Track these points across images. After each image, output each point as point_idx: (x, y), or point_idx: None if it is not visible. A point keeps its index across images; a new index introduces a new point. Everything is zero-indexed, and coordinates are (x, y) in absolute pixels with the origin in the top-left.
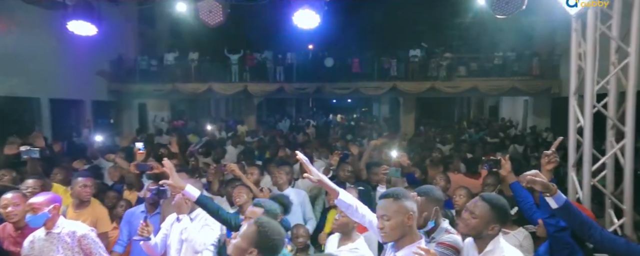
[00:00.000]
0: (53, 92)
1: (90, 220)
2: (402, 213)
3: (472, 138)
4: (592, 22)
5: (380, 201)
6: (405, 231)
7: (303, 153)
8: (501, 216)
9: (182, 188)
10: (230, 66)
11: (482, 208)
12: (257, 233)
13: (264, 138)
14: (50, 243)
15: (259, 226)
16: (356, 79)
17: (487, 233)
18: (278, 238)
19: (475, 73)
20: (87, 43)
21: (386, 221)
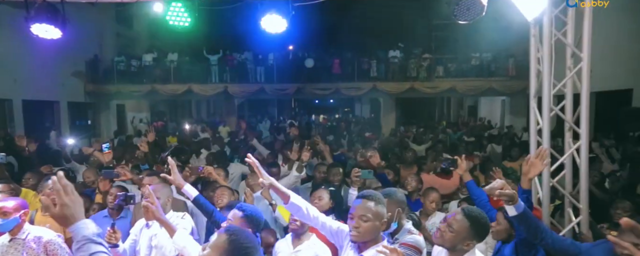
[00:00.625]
0: (26, 93)
1: (57, 224)
2: (379, 218)
3: (450, 138)
4: (547, 28)
5: (360, 200)
6: (375, 235)
7: (283, 155)
8: (479, 233)
9: (182, 186)
10: (210, 67)
11: (461, 224)
12: (228, 243)
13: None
14: (15, 249)
15: (229, 235)
16: (336, 80)
17: (461, 248)
18: (250, 246)
19: (453, 74)
20: (62, 43)
21: (364, 222)
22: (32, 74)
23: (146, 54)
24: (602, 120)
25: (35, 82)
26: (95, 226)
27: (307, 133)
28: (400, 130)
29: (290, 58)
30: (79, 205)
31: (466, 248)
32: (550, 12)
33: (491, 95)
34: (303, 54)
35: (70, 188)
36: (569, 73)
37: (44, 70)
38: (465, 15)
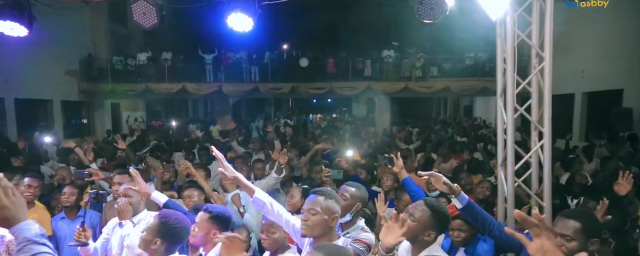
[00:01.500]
0: (19, 92)
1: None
2: (328, 213)
3: (442, 138)
4: (511, 28)
5: (311, 196)
6: (326, 231)
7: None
8: (440, 224)
9: (150, 194)
10: (204, 66)
11: (423, 213)
12: (159, 224)
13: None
14: None
15: (160, 219)
16: (331, 79)
17: (422, 239)
18: (180, 226)
19: (448, 74)
20: (56, 42)
21: (312, 216)
22: (25, 73)
23: (141, 53)
24: (594, 121)
25: (28, 81)
26: (39, 227)
27: (303, 133)
28: (392, 130)
29: (285, 57)
30: (21, 206)
31: (427, 238)
32: (513, 12)
33: (486, 95)
34: (298, 54)
35: (12, 190)
36: (533, 75)
37: (37, 69)
38: (429, 14)
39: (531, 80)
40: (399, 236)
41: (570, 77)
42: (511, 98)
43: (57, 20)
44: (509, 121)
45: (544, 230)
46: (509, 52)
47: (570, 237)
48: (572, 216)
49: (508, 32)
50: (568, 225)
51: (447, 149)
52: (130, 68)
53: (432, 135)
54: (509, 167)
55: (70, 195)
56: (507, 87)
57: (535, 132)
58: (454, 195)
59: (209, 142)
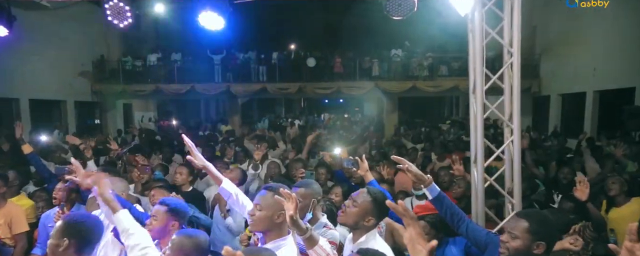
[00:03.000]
0: (33, 92)
1: (4, 220)
2: (274, 209)
3: (445, 138)
4: (478, 23)
5: (262, 191)
6: (272, 227)
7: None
8: (379, 211)
9: (89, 186)
10: (213, 66)
11: (364, 199)
12: (63, 224)
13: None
14: None
15: (64, 220)
16: (338, 79)
17: (363, 224)
18: (87, 225)
19: (456, 73)
20: (69, 43)
21: (258, 211)
22: (39, 73)
23: (151, 54)
24: (606, 119)
25: (42, 82)
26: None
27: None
28: (400, 129)
29: (292, 57)
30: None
31: (367, 224)
32: (481, 7)
33: (496, 94)
34: (305, 53)
35: None
36: (505, 70)
37: (52, 70)
38: (397, 11)
39: (503, 77)
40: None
41: (581, 75)
42: (480, 95)
43: (71, 22)
44: (478, 116)
45: (410, 219)
46: (477, 48)
47: (514, 235)
48: (524, 215)
49: (476, 27)
50: (516, 223)
51: (440, 147)
52: (140, 69)
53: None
54: (479, 163)
55: (59, 191)
56: (476, 82)
57: (507, 128)
58: (423, 184)
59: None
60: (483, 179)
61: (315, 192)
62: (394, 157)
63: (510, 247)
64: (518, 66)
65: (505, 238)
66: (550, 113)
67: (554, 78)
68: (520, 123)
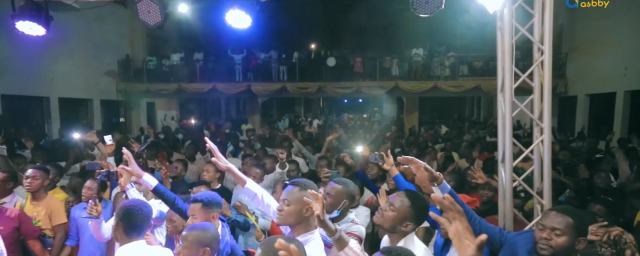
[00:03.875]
0: (62, 91)
1: (44, 211)
2: (302, 203)
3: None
4: (508, 20)
5: (288, 186)
6: (300, 220)
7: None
8: (418, 216)
9: (140, 176)
10: (234, 66)
11: (403, 203)
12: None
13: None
14: None
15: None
16: (358, 78)
17: (400, 229)
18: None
19: (478, 73)
20: (96, 44)
21: (286, 206)
22: (68, 73)
23: (174, 53)
24: (637, 120)
25: (70, 81)
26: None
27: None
28: (420, 129)
29: (312, 57)
30: None
31: (405, 229)
32: (511, 3)
33: (519, 94)
34: (325, 53)
35: None
36: (535, 68)
37: (79, 70)
38: (424, 8)
39: (533, 75)
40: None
41: (612, 75)
42: (509, 93)
43: (98, 23)
44: (507, 116)
45: (457, 213)
46: (507, 45)
47: (560, 231)
48: (564, 211)
49: (505, 24)
50: (559, 219)
51: (486, 149)
52: (164, 68)
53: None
54: (507, 163)
55: (88, 189)
56: (505, 81)
57: (537, 127)
58: (435, 182)
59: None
60: (511, 179)
61: (350, 192)
62: (401, 158)
63: (555, 244)
64: (549, 64)
65: (546, 235)
66: (577, 114)
67: (582, 78)
68: (551, 123)
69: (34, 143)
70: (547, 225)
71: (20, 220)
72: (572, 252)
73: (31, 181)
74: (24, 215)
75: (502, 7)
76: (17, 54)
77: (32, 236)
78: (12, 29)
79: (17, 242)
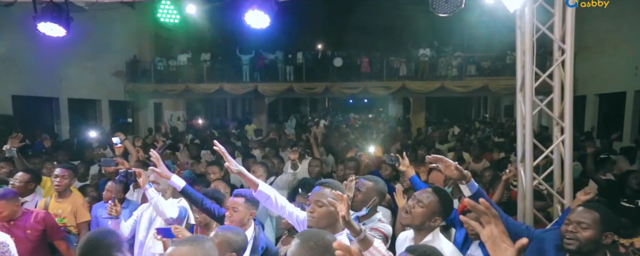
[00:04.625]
0: (71, 92)
1: (70, 209)
2: (334, 204)
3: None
4: (529, 20)
5: (317, 187)
6: (332, 222)
7: (305, 153)
8: (445, 210)
9: (169, 177)
10: (241, 66)
11: (431, 199)
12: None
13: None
14: None
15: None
16: (365, 79)
17: (429, 224)
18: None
19: (486, 73)
20: (104, 45)
21: (319, 208)
22: (77, 74)
23: (181, 54)
24: None
25: (79, 82)
26: None
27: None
28: (427, 129)
29: (319, 57)
30: None
31: (433, 224)
32: (532, 2)
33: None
34: (332, 53)
35: None
36: (555, 68)
37: (88, 71)
38: (443, 7)
39: (553, 74)
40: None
41: (622, 74)
42: (529, 92)
43: (106, 24)
44: (527, 115)
45: (492, 217)
46: (527, 44)
47: (586, 224)
48: (591, 206)
49: (526, 23)
50: (586, 214)
51: (478, 149)
52: (171, 69)
53: (465, 135)
54: (528, 162)
55: (108, 192)
56: (526, 80)
57: (557, 127)
58: (464, 181)
59: (243, 140)
60: (531, 178)
61: (380, 190)
62: (430, 157)
63: (582, 237)
64: (571, 62)
65: (572, 228)
66: (586, 114)
67: (591, 78)
68: (572, 122)
69: (52, 142)
70: (573, 219)
71: (46, 223)
72: (599, 247)
73: (60, 180)
74: (50, 218)
75: (523, 5)
76: (28, 56)
77: (58, 237)
78: (22, 31)
79: (44, 244)
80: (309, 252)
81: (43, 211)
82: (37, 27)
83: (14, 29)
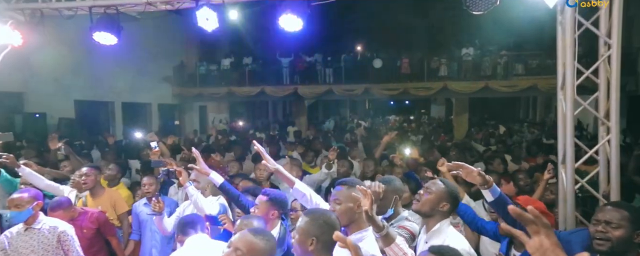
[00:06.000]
0: (124, 96)
1: (108, 203)
2: (352, 201)
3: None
4: (570, 14)
5: (337, 187)
6: (354, 218)
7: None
8: (453, 196)
9: (208, 174)
10: (281, 69)
11: (438, 186)
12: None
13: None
14: (29, 238)
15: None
16: (405, 80)
17: (437, 210)
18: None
19: (534, 72)
20: (153, 51)
21: (337, 205)
22: (130, 80)
23: (224, 58)
24: None
25: (132, 87)
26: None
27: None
28: (471, 131)
29: (358, 59)
30: None
31: (442, 209)
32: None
33: (581, 93)
34: (371, 55)
35: None
36: (598, 63)
37: (139, 76)
38: (477, 5)
39: (599, 71)
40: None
41: None
42: (571, 90)
43: (156, 32)
44: (568, 114)
45: (542, 227)
46: (568, 41)
47: (616, 224)
48: (620, 205)
49: (567, 19)
50: (614, 213)
51: (542, 151)
52: (215, 73)
53: (512, 136)
54: (568, 164)
55: (149, 186)
56: (567, 78)
57: (603, 126)
58: (486, 186)
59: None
60: (573, 181)
61: (397, 188)
62: (450, 165)
63: (613, 236)
64: (617, 59)
65: (602, 228)
66: None
67: None
68: (619, 122)
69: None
70: (602, 219)
71: (99, 221)
72: (631, 246)
73: (86, 178)
74: (102, 217)
75: (564, 0)
76: (87, 63)
77: (110, 233)
78: (82, 41)
79: (99, 240)
80: (319, 229)
81: (97, 211)
82: (93, 37)
83: (75, 40)
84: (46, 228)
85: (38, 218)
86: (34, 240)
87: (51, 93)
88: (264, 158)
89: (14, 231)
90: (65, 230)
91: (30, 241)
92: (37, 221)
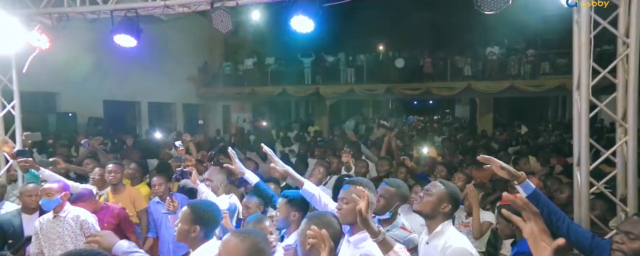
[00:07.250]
0: (150, 96)
1: (128, 200)
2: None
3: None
4: (586, 12)
5: (345, 186)
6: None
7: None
8: (453, 198)
9: (243, 174)
10: (303, 69)
11: (438, 188)
12: (191, 212)
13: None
14: (57, 225)
15: (191, 206)
16: (428, 79)
17: (439, 212)
18: (210, 211)
19: (562, 71)
20: (178, 52)
21: (344, 205)
22: (156, 80)
23: (247, 59)
24: None
25: (157, 87)
26: (128, 243)
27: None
28: (495, 132)
29: (380, 58)
30: (108, 236)
31: (444, 210)
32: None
33: (610, 93)
34: (394, 54)
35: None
36: (616, 62)
37: (165, 76)
38: (489, 5)
39: (616, 71)
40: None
41: None
42: (586, 91)
43: (180, 33)
44: (583, 115)
45: (531, 214)
46: (583, 40)
47: (634, 235)
48: None
49: (583, 17)
50: (636, 224)
51: (546, 152)
52: (238, 73)
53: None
54: (583, 166)
55: (159, 186)
56: (582, 77)
57: (620, 128)
58: (516, 181)
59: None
60: (588, 183)
61: (402, 194)
62: (481, 157)
63: (627, 249)
64: (635, 58)
65: (619, 238)
66: None
67: None
68: (637, 122)
69: (134, 141)
70: (622, 229)
71: (120, 217)
72: None
73: (114, 174)
74: (123, 213)
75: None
76: (115, 64)
77: (129, 230)
78: (108, 43)
79: (119, 236)
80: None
81: (118, 207)
82: (113, 39)
83: (102, 41)
84: (70, 217)
85: (64, 207)
86: (60, 226)
87: (81, 93)
88: (272, 160)
89: (45, 218)
90: (86, 218)
91: (57, 228)
92: (64, 210)
